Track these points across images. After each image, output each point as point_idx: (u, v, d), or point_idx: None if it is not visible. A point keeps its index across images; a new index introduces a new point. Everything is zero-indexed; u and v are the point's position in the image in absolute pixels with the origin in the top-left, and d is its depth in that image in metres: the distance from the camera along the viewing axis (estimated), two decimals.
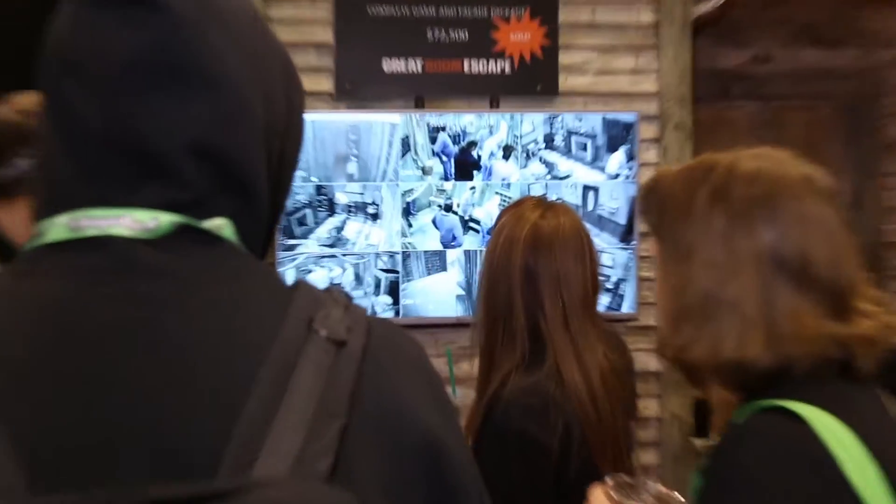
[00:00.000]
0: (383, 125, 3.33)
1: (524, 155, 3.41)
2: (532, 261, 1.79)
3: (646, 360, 3.59)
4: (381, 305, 3.37)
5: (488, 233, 3.35)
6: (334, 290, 0.76)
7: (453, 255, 3.41)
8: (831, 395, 1.03)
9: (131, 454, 0.63)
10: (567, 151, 3.44)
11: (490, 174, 3.40)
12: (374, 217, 3.35)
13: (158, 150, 0.71)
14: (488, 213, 3.42)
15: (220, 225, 0.74)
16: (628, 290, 3.51)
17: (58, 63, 0.73)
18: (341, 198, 3.33)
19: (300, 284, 0.75)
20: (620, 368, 1.86)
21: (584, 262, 1.83)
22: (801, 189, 1.09)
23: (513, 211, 1.88)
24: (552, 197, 3.28)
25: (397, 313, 3.37)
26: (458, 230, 3.40)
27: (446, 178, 3.39)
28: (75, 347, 0.66)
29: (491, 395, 1.74)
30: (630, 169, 3.47)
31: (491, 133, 3.39)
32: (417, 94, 3.44)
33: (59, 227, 0.71)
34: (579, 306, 1.79)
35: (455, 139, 3.37)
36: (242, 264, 0.75)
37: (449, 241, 3.41)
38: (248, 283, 0.73)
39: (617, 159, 3.45)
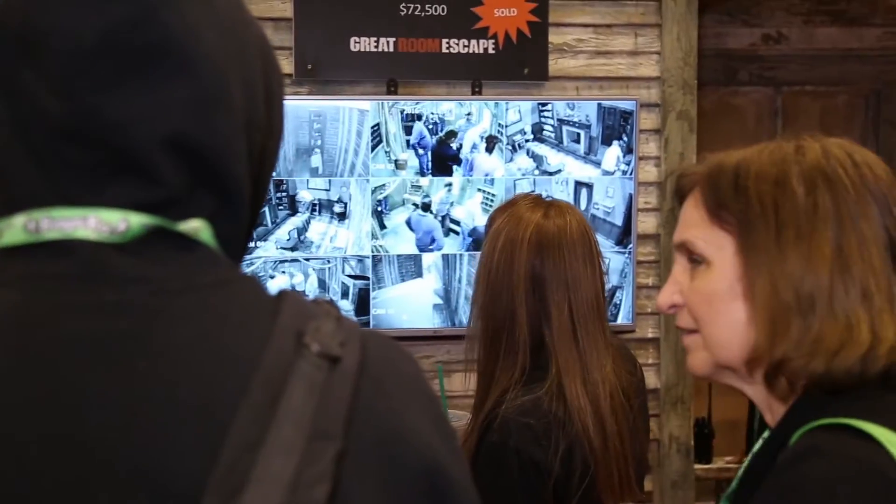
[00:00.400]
0: (351, 112, 3.20)
1: (509, 147, 3.29)
2: (538, 265, 1.75)
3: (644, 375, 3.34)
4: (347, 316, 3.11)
5: (469, 234, 3.28)
6: (322, 300, 0.75)
7: (430, 260, 3.29)
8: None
9: (103, 478, 0.63)
10: (558, 143, 3.31)
11: (471, 169, 3.28)
12: (341, 217, 3.22)
13: (129, 142, 0.69)
14: (469, 212, 3.29)
15: (197, 227, 0.71)
16: (625, 299, 3.38)
17: (11, 44, 0.70)
18: (304, 195, 3.20)
19: (286, 294, 0.73)
20: (630, 386, 1.83)
21: (594, 265, 1.81)
22: (891, 175, 1.11)
23: (509, 211, 1.84)
24: (543, 195, 3.07)
25: (367, 325, 3.24)
26: (438, 231, 3.29)
27: (422, 174, 3.26)
28: (37, 363, 0.65)
29: (487, 413, 1.72)
30: (628, 163, 3.33)
31: (472, 122, 3.27)
32: (389, 77, 3.30)
33: (16, 230, 0.69)
34: (589, 315, 1.77)
35: (432, 129, 3.25)
36: (223, 271, 0.73)
37: (426, 244, 3.28)
38: (230, 291, 0.72)
39: (613, 152, 3.33)
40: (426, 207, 3.24)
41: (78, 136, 0.69)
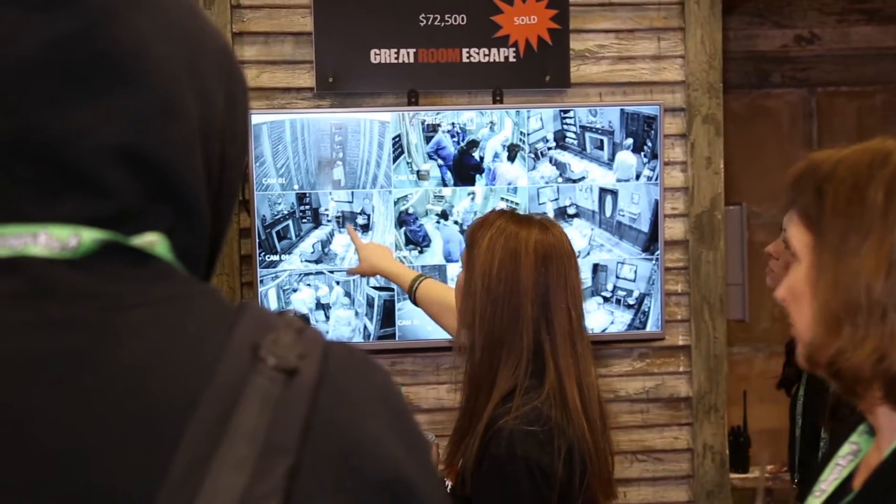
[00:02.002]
0: (372, 124, 3.19)
1: (532, 155, 3.25)
2: (543, 273, 1.82)
3: (675, 384, 3.43)
4: (374, 328, 3.24)
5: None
6: (287, 312, 0.74)
7: (455, 271, 3.24)
8: None
9: (49, 498, 0.62)
10: (581, 150, 3.26)
11: (494, 178, 3.25)
12: (365, 228, 3.21)
13: (78, 156, 0.68)
14: None
15: (152, 241, 0.71)
16: (653, 307, 3.32)
17: None
18: (327, 207, 3.20)
19: (247, 306, 0.72)
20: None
21: (580, 274, 1.91)
22: None
23: (496, 226, 1.90)
24: (565, 203, 3.11)
25: (393, 336, 3.24)
26: (454, 243, 3.27)
27: (444, 184, 3.24)
28: None
29: (488, 422, 1.76)
30: (653, 169, 3.28)
31: (494, 131, 3.24)
32: (410, 87, 3.28)
33: None
34: (582, 321, 1.86)
35: (454, 139, 3.23)
36: (178, 286, 0.72)
37: (450, 254, 3.27)
38: (185, 305, 0.71)
39: (638, 158, 3.28)
40: (444, 216, 3.23)
41: (26, 151, 0.68)
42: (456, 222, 3.22)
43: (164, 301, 0.70)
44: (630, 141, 3.24)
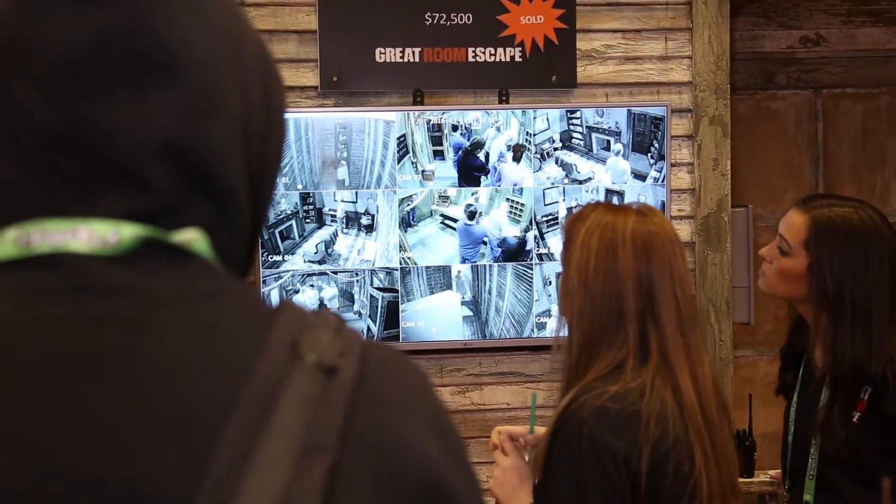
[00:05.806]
0: (377, 124, 3.19)
1: (538, 156, 3.25)
2: (645, 262, 1.77)
3: None
4: (377, 329, 3.23)
5: (498, 245, 3.24)
6: (324, 311, 0.73)
7: (459, 271, 3.25)
8: None
9: (90, 496, 0.62)
10: (587, 151, 3.26)
11: (499, 178, 3.24)
12: (369, 229, 3.21)
13: (119, 151, 0.69)
14: (496, 222, 3.25)
15: (192, 238, 0.71)
16: None
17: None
18: (331, 207, 3.19)
19: (285, 305, 0.72)
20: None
21: (687, 263, 1.86)
22: None
23: (591, 218, 1.84)
24: (572, 203, 3.09)
25: (396, 338, 3.23)
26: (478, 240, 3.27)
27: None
28: (19, 379, 0.64)
29: (567, 403, 1.72)
30: (660, 171, 3.27)
31: (500, 131, 3.24)
32: (415, 87, 3.28)
33: (7, 244, 0.68)
34: (693, 311, 1.82)
35: (459, 139, 3.23)
36: (218, 283, 0.72)
37: (472, 254, 3.28)
38: (224, 303, 0.71)
39: (644, 159, 3.27)
40: (472, 216, 3.22)
41: (69, 145, 0.69)
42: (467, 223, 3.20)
43: (203, 298, 0.70)
44: (619, 147, 3.23)
